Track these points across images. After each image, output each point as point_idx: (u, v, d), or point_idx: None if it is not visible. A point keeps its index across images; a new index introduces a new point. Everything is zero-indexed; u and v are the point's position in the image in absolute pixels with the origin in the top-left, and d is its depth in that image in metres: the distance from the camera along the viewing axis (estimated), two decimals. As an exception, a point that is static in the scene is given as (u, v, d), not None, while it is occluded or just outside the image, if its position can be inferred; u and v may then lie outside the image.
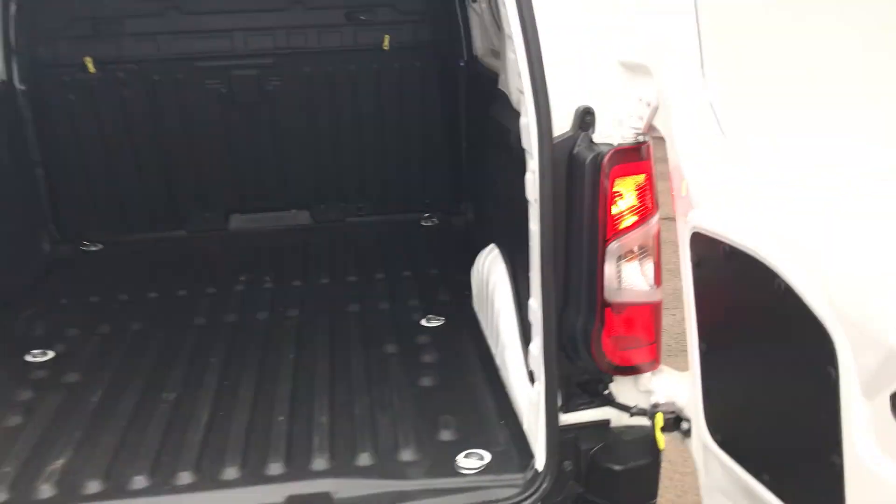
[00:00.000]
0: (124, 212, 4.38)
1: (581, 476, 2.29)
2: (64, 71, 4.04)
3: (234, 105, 4.23)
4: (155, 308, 3.58)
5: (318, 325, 3.34)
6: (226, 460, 2.45)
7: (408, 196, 4.58)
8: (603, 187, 2.04)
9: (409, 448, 2.47)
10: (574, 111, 2.07)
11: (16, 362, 3.09)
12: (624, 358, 2.16)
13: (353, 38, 4.21)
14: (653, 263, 2.11)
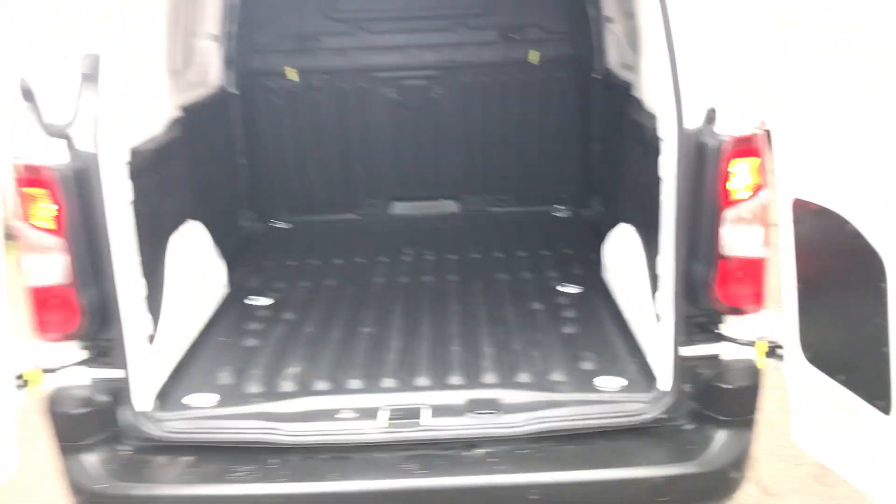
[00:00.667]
0: (308, 197, 5.26)
1: (696, 396, 2.91)
2: (270, 79, 4.96)
3: (403, 109, 5.05)
4: (340, 270, 4.40)
5: (474, 287, 4.07)
6: (416, 373, 3.21)
7: (544, 190, 5.27)
8: (722, 168, 2.68)
9: (557, 372, 3.17)
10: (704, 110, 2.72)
11: (241, 305, 3.96)
12: (734, 301, 2.78)
13: (505, 53, 4.96)
14: (762, 228, 2.73)
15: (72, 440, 2.87)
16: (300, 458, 2.85)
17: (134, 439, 2.91)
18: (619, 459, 2.82)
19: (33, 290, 2.77)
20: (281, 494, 2.75)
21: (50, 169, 2.67)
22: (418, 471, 2.79)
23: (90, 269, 2.77)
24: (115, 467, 2.86)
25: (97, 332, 2.85)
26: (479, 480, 2.77)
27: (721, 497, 2.94)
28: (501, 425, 2.88)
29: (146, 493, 2.80)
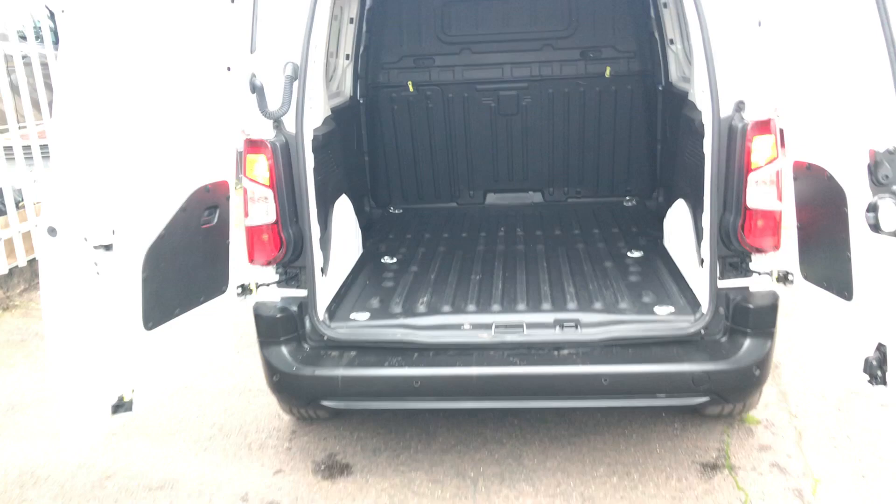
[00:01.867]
0: (417, 188, 6.39)
1: (728, 315, 3.87)
2: (392, 90, 6.13)
3: (498, 115, 6.16)
4: (449, 241, 5.49)
5: (558, 253, 5.09)
6: (516, 302, 4.26)
7: (614, 184, 6.29)
8: (747, 143, 3.67)
9: (623, 302, 4.17)
10: (733, 102, 3.72)
11: (377, 262, 5.08)
12: (757, 243, 3.74)
13: (584, 69, 6.02)
14: (776, 188, 3.70)
15: (271, 336, 4.00)
16: (434, 353, 3.92)
17: (313, 340, 4.02)
18: (668, 358, 3.80)
19: (251, 228, 3.93)
20: (422, 376, 3.81)
21: (266, 141, 3.84)
22: (519, 363, 3.82)
23: (290, 213, 3.92)
24: (300, 356, 3.99)
25: (291, 261, 3.99)
26: (563, 370, 3.79)
27: (747, 390, 3.91)
28: (581, 335, 3.90)
29: (323, 373, 3.90)
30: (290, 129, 3.90)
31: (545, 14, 5.97)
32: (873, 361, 3.00)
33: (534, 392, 3.85)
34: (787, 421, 4.57)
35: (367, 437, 4.60)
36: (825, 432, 4.44)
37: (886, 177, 2.77)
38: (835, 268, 3.14)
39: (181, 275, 3.33)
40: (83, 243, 2.80)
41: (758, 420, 4.57)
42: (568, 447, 4.39)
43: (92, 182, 2.79)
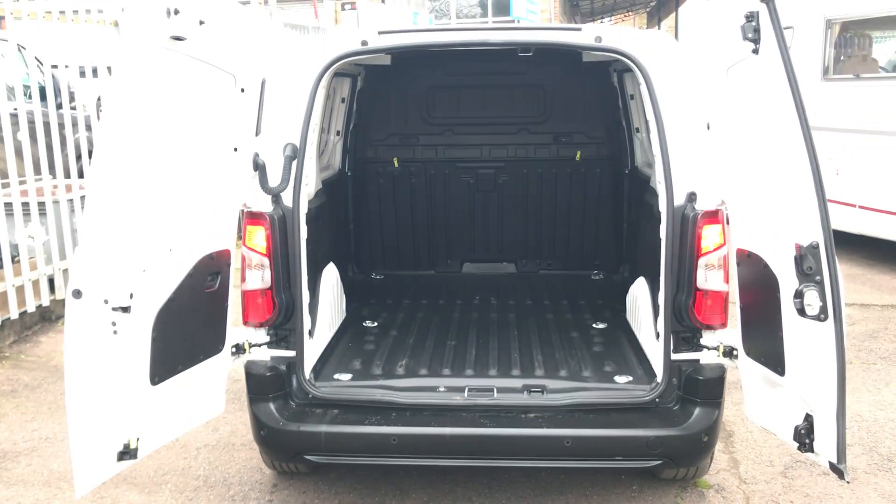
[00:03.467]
0: (399, 256, 6.79)
1: (681, 386, 4.25)
2: (379, 165, 6.57)
3: (477, 192, 6.61)
4: (427, 307, 5.87)
5: (528, 322, 5.48)
6: (488, 368, 4.63)
7: (583, 258, 6.72)
8: (698, 231, 4.11)
9: (587, 371, 4.55)
10: (686, 193, 4.17)
11: (359, 326, 5.43)
12: (707, 320, 4.15)
13: (556, 152, 6.51)
14: (723, 271, 4.13)
15: (260, 393, 4.32)
16: (411, 413, 4.25)
17: (299, 398, 4.34)
18: (626, 424, 4.17)
19: (247, 292, 4.29)
20: (399, 434, 4.14)
21: (265, 214, 4.22)
22: (489, 424, 4.17)
23: (283, 280, 4.28)
24: (287, 413, 4.30)
25: (282, 323, 4.34)
26: (530, 432, 4.13)
27: (697, 455, 4.27)
28: (547, 400, 4.26)
29: (308, 429, 4.21)
30: (288, 203, 4.29)
31: (522, 101, 6.48)
32: (802, 430, 3.38)
33: (502, 452, 4.19)
34: (737, 486, 4.92)
35: (345, 492, 4.88)
36: (771, 498, 4.79)
37: (810, 268, 3.19)
38: (770, 346, 3.54)
39: (185, 335, 3.66)
40: (104, 305, 3.14)
41: (710, 485, 4.92)
42: (533, 506, 4.70)
43: (115, 250, 3.14)
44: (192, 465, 5.29)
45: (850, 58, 10.34)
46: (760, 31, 3.22)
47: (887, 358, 7.04)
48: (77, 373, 3.14)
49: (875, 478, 4.99)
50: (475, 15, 33.57)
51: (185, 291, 3.56)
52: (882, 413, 5.91)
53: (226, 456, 5.40)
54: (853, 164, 9.86)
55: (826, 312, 3.20)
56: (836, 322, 3.20)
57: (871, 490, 4.85)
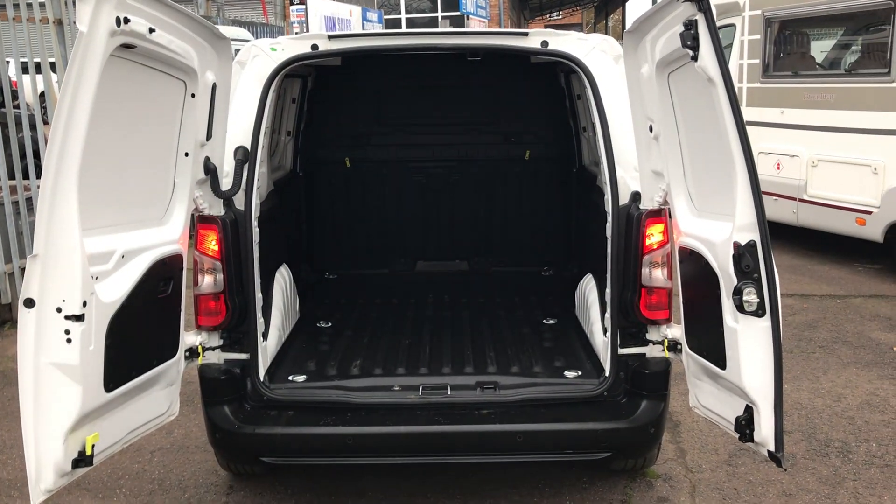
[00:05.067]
0: (353, 255, 6.83)
1: (628, 379, 4.38)
2: (330, 165, 6.60)
3: (429, 191, 6.68)
4: (381, 307, 5.92)
5: (481, 319, 5.57)
6: (442, 366, 4.71)
7: (534, 255, 6.84)
8: (642, 229, 4.24)
9: (538, 367, 4.66)
10: (630, 193, 4.30)
11: (313, 326, 5.46)
12: (652, 315, 4.29)
13: (506, 151, 6.62)
14: (667, 268, 4.27)
15: (214, 397, 4.34)
16: (365, 413, 4.31)
17: (254, 400, 4.37)
18: (575, 417, 4.29)
19: (199, 296, 4.30)
20: (354, 434, 4.20)
21: (217, 218, 4.24)
22: (444, 421, 4.25)
23: (236, 283, 4.30)
24: (242, 415, 4.32)
25: (235, 326, 4.36)
26: (483, 428, 4.22)
27: (644, 446, 4.42)
28: (499, 396, 4.36)
29: (263, 432, 4.24)
30: (239, 207, 4.31)
31: (472, 102, 6.56)
32: (742, 421, 3.53)
33: (457, 448, 4.28)
34: (684, 475, 5.09)
35: (301, 492, 4.92)
36: (716, 485, 4.97)
37: (748, 266, 3.33)
38: (711, 340, 3.68)
39: (139, 341, 3.66)
40: (56, 314, 3.14)
41: (657, 474, 5.08)
42: (488, 500, 4.80)
43: (67, 258, 3.13)
44: (147, 468, 5.28)
45: (788, 55, 10.67)
46: (699, 38, 3.34)
47: (825, 347, 7.31)
48: (31, 382, 3.13)
49: (813, 463, 5.20)
50: (424, 10, 33.59)
51: (137, 298, 3.56)
52: (820, 400, 6.14)
53: (181, 459, 5.40)
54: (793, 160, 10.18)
55: (763, 308, 3.35)
56: (772, 317, 3.35)
57: (810, 475, 5.06)
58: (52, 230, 3.09)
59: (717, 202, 3.64)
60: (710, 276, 3.62)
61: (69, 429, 3.23)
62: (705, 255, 3.68)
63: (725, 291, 3.52)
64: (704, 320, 3.79)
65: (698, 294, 3.85)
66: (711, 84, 3.30)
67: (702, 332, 3.86)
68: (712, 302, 3.62)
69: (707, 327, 3.75)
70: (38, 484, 3.21)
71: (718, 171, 3.55)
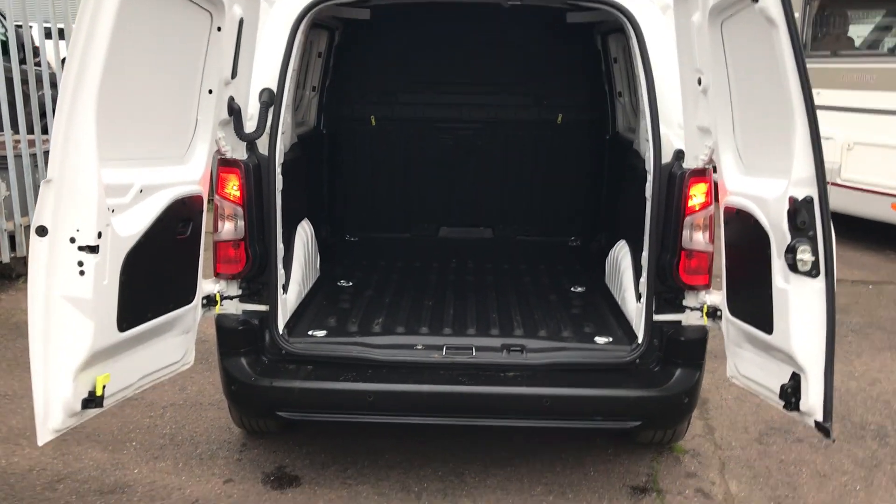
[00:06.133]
0: (375, 218, 6.64)
1: (662, 347, 4.19)
2: (355, 123, 6.40)
3: (456, 153, 6.47)
4: (403, 269, 5.74)
5: (506, 285, 5.38)
6: (466, 328, 4.53)
7: (561, 225, 6.63)
8: (685, 189, 4.03)
9: (567, 331, 4.47)
10: (673, 151, 4.08)
11: (333, 285, 5.29)
12: (691, 280, 4.08)
13: (537, 114, 6.39)
14: (709, 231, 4.06)
15: (231, 348, 4.18)
16: (387, 370, 4.14)
17: (272, 353, 4.20)
18: (606, 384, 4.10)
19: (219, 242, 4.13)
20: (375, 391, 4.03)
21: (240, 161, 4.06)
22: (468, 382, 4.07)
23: (257, 231, 4.13)
24: (259, 368, 4.16)
25: (255, 276, 4.19)
26: (508, 390, 4.05)
27: (677, 417, 4.23)
28: (526, 359, 4.17)
29: (281, 385, 4.08)
30: (263, 152, 4.13)
31: (504, 61, 6.34)
32: (788, 389, 3.33)
33: (480, 410, 4.10)
34: (712, 452, 4.89)
35: (316, 452, 4.77)
36: (746, 463, 4.77)
37: (804, 222, 3.12)
38: (757, 304, 3.48)
39: (155, 281, 3.50)
40: (70, 244, 2.97)
41: (685, 450, 4.88)
42: (508, 468, 4.63)
43: (83, 186, 2.97)
44: (158, 423, 5.14)
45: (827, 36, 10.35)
46: (758, -23, 3.11)
47: (858, 331, 7.07)
48: (41, 315, 2.97)
49: (848, 445, 5.00)
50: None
51: (155, 236, 3.39)
52: (854, 383, 5.92)
53: (193, 415, 5.25)
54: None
55: (818, 268, 3.14)
56: (827, 278, 3.14)
57: (844, 456, 4.85)
58: (67, 155, 2.92)
59: (769, 158, 3.42)
60: (760, 236, 3.41)
61: (80, 366, 3.07)
62: (755, 214, 3.46)
63: (777, 251, 3.31)
64: (750, 283, 3.58)
65: (745, 256, 3.64)
66: (772, 26, 3.08)
67: (747, 296, 3.65)
68: (760, 263, 3.42)
69: (753, 290, 3.54)
70: (46, 423, 3.05)
71: (772, 123, 3.33)
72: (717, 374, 5.89)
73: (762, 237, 3.38)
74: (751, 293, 3.58)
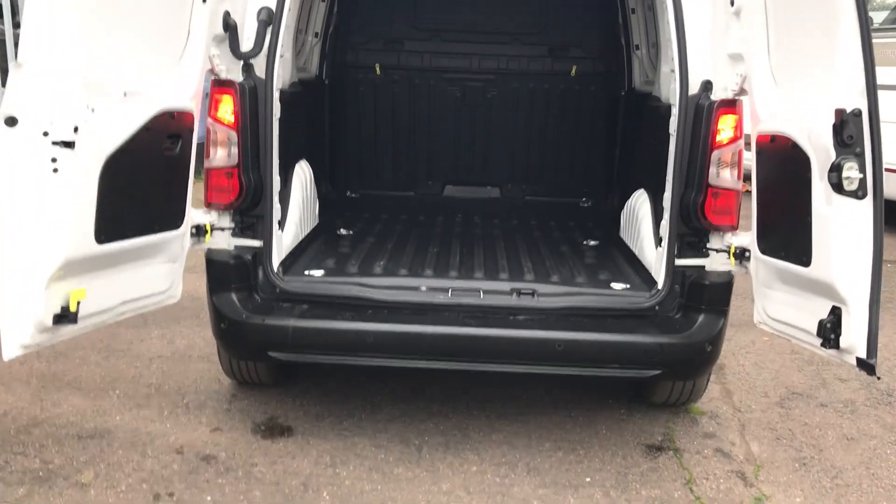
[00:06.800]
0: (377, 174, 6.35)
1: (683, 293, 3.90)
2: (359, 71, 6.10)
3: (464, 106, 6.17)
4: (406, 221, 5.44)
5: (515, 240, 5.08)
6: (474, 271, 4.24)
7: (572, 185, 6.34)
8: (713, 122, 3.74)
9: (581, 278, 4.19)
10: (701, 82, 3.79)
11: (333, 233, 4.99)
12: (717, 220, 3.79)
13: (550, 65, 6.09)
14: (737, 168, 3.77)
15: (222, 283, 3.89)
16: (389, 311, 3.85)
17: (265, 292, 3.92)
18: (623, 329, 3.81)
19: (211, 170, 3.84)
20: (375, 331, 3.73)
21: (234, 82, 3.77)
22: (475, 324, 3.78)
23: (252, 158, 3.84)
24: (251, 305, 3.88)
25: (249, 209, 3.90)
26: (518, 333, 3.76)
27: (699, 367, 3.93)
28: (538, 302, 3.89)
29: (274, 323, 3.79)
30: (260, 74, 3.84)
31: (516, 9, 6.05)
32: (827, 324, 3.05)
33: (487, 354, 3.80)
34: (732, 414, 4.61)
35: (310, 404, 4.49)
36: (767, 425, 4.48)
37: (850, 137, 2.84)
38: (793, 236, 3.19)
39: (139, 197, 3.22)
40: (43, 138, 2.69)
41: (702, 411, 4.60)
42: (514, 424, 4.34)
43: (59, 73, 2.68)
44: (144, 373, 4.85)
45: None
46: None
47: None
48: (10, 216, 2.69)
49: (875, 410, 4.71)
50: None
51: (139, 145, 3.11)
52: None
53: (181, 367, 4.97)
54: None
55: (865, 188, 2.86)
56: (875, 199, 2.86)
57: (872, 421, 4.57)
58: (41, 35, 2.63)
59: (810, 76, 3.14)
60: (799, 160, 3.12)
61: (52, 276, 2.79)
62: (793, 136, 3.18)
63: (819, 172, 3.02)
64: (786, 215, 3.30)
65: (780, 186, 3.36)
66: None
67: (781, 231, 3.37)
68: (799, 190, 3.13)
69: (789, 222, 3.26)
70: (14, 336, 2.77)
71: (815, 39, 3.05)
72: (734, 342, 5.63)
73: (801, 161, 3.10)
74: (786, 226, 3.29)
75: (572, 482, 3.80)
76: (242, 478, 3.74)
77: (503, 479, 3.80)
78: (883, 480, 3.94)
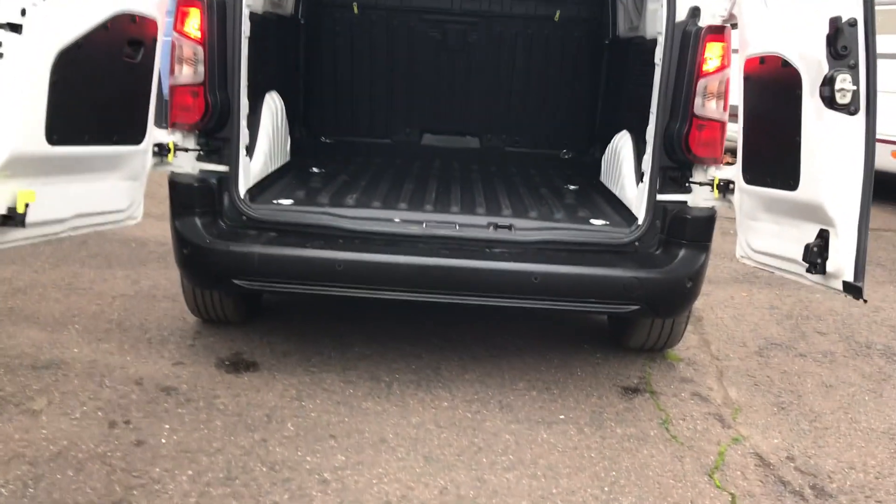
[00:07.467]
0: (353, 120, 6.17)
1: (664, 229, 3.78)
2: (336, 10, 5.90)
3: (444, 50, 5.99)
4: (382, 165, 5.27)
5: (493, 182, 4.93)
6: (450, 206, 4.09)
7: (553, 136, 6.20)
8: (700, 49, 3.61)
9: (559, 214, 4.05)
10: (688, 8, 3.66)
11: (305, 170, 4.81)
12: (701, 152, 3.67)
13: (534, 9, 5.92)
14: (723, 98, 3.65)
15: (185, 207, 3.71)
16: (360, 241, 3.70)
17: (231, 219, 3.75)
18: (602, 263, 3.68)
19: (176, 87, 3.66)
20: (345, 260, 3.58)
21: None
22: (450, 255, 3.64)
23: (219, 77, 3.66)
24: (215, 231, 3.71)
25: (215, 130, 3.72)
26: (494, 265, 3.62)
27: (679, 303, 3.82)
28: (515, 235, 3.75)
29: (239, 249, 3.62)
30: None
31: None
32: (814, 248, 2.94)
33: (462, 286, 3.66)
34: (709, 362, 4.52)
35: (278, 342, 4.34)
36: (745, 372, 4.40)
37: (845, 48, 2.72)
38: (781, 160, 3.07)
39: (96, 100, 3.03)
40: (-14, 19, 2.50)
41: (680, 358, 4.51)
42: (487, 364, 4.22)
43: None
44: (106, 310, 4.67)
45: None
46: None
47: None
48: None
49: (854, 360, 4.64)
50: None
51: (97, 44, 2.92)
52: (857, 310, 5.57)
53: (144, 305, 4.79)
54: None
55: (857, 103, 2.74)
56: (868, 115, 2.74)
57: (851, 371, 4.49)
58: None
59: None
60: (789, 77, 3.00)
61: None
62: (783, 54, 3.05)
63: (809, 88, 2.90)
64: (774, 138, 3.18)
65: (769, 108, 3.23)
66: None
67: (768, 156, 3.25)
68: (788, 110, 3.01)
69: (776, 145, 3.14)
70: None
71: None
72: (712, 297, 5.56)
73: (791, 78, 2.98)
74: (773, 150, 3.18)
75: (546, 419, 3.69)
76: (203, 408, 3.59)
77: (475, 415, 3.68)
78: (861, 424, 3.87)
